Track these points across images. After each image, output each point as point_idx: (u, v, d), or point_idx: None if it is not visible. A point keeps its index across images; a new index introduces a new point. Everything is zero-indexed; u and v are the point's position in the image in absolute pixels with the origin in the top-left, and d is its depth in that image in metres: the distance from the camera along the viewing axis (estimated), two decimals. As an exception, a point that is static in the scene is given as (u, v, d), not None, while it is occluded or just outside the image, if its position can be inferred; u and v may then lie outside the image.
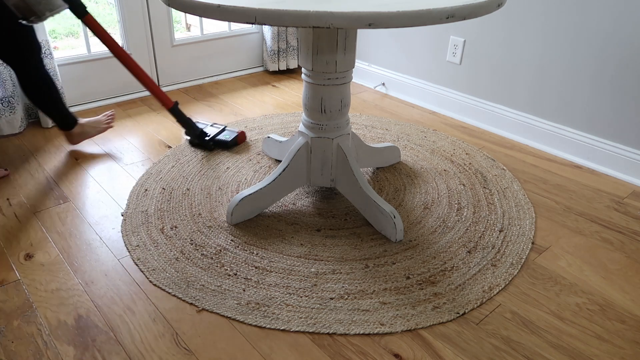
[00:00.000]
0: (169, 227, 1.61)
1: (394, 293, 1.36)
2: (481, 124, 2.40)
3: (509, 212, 1.72)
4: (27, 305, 1.31)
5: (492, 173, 1.97)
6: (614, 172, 1.99)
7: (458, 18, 1.15)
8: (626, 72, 1.87)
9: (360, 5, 1.12)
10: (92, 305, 1.31)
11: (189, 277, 1.41)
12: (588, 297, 1.37)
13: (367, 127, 2.35)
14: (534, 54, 2.13)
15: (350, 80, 1.58)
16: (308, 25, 1.08)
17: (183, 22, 4.15)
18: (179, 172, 1.93)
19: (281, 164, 1.64)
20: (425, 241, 1.57)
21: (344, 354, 1.19)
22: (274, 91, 2.80)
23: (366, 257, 1.49)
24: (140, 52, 2.61)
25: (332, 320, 1.28)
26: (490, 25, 2.25)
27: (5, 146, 2.11)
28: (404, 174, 1.95)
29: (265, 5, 1.10)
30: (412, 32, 2.60)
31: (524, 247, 1.55)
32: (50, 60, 2.19)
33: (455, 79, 2.47)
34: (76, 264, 1.46)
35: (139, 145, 2.15)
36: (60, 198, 1.77)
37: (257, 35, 3.05)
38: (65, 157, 2.04)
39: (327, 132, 1.61)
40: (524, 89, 2.21)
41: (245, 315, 1.28)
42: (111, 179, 1.89)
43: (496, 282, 1.41)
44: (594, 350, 1.21)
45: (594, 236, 1.63)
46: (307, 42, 1.50)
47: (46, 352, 1.18)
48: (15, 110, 2.16)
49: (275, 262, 1.47)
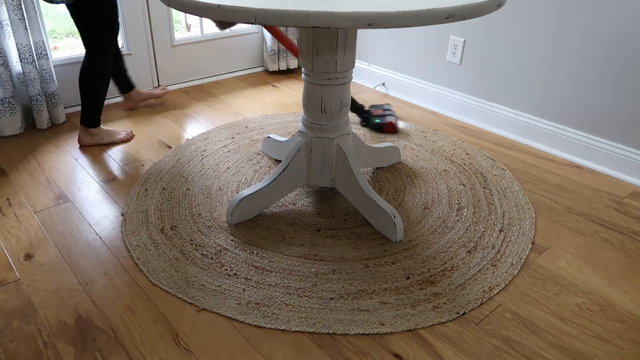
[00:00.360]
0: (169, 227, 1.61)
1: (394, 293, 1.36)
2: (481, 124, 2.40)
3: (509, 212, 1.72)
4: (27, 305, 1.31)
5: (492, 173, 1.97)
6: (614, 172, 1.99)
7: (458, 18, 1.15)
8: (626, 71, 1.87)
9: (360, 5, 1.12)
10: (92, 305, 1.31)
11: (189, 277, 1.41)
12: (588, 297, 1.37)
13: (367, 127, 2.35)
14: (534, 54, 2.13)
15: (350, 80, 1.58)
16: (308, 25, 1.08)
17: (183, 22, 4.15)
18: (179, 172, 1.93)
19: (281, 164, 1.64)
20: (425, 241, 1.57)
21: (344, 354, 1.19)
22: (274, 91, 2.80)
23: (366, 257, 1.49)
24: (140, 52, 2.61)
25: (332, 320, 1.28)
26: (490, 25, 2.25)
27: (5, 146, 2.11)
28: (404, 174, 1.95)
29: (265, 5, 1.10)
30: (412, 32, 2.60)
31: (524, 247, 1.55)
32: (47, 62, 2.18)
33: (455, 79, 2.47)
34: (76, 264, 1.46)
35: (139, 145, 2.15)
36: (60, 198, 1.77)
37: (257, 35, 3.05)
38: (65, 157, 2.04)
39: (327, 132, 1.61)
40: (524, 89, 2.21)
41: (245, 315, 1.28)
42: (111, 179, 1.89)
43: (496, 282, 1.41)
44: (594, 350, 1.21)
45: (594, 236, 1.63)
46: (307, 42, 1.50)
47: (46, 352, 1.18)
48: (16, 111, 2.16)
49: (275, 262, 1.47)
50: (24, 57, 2.11)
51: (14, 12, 2.04)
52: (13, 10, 2.03)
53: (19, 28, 2.07)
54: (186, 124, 2.36)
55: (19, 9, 2.04)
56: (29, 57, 2.12)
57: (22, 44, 2.09)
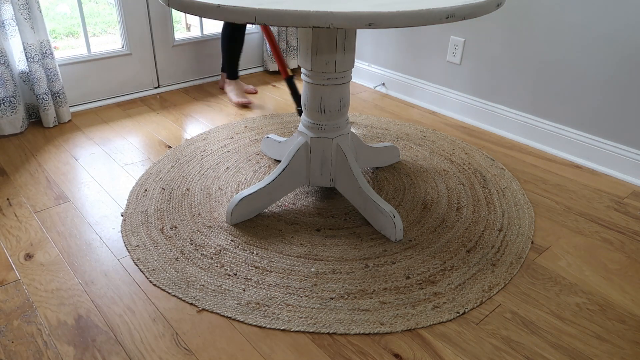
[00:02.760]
0: (169, 227, 1.61)
1: (394, 293, 1.36)
2: (481, 124, 2.40)
3: (509, 212, 1.72)
4: (27, 305, 1.31)
5: (491, 173, 1.97)
6: (614, 172, 1.99)
7: (458, 18, 1.15)
8: (626, 71, 1.87)
9: (360, 5, 1.12)
10: (92, 305, 1.31)
11: (189, 277, 1.41)
12: (588, 297, 1.37)
13: (366, 127, 2.35)
14: (534, 53, 2.13)
15: (349, 80, 1.58)
16: (308, 25, 1.08)
17: (183, 22, 4.15)
18: (178, 172, 1.93)
19: (281, 164, 1.64)
20: (425, 241, 1.57)
21: (344, 354, 1.19)
22: (274, 91, 2.80)
23: (366, 257, 1.50)
24: (140, 52, 2.61)
25: (332, 320, 1.28)
26: (490, 25, 2.25)
27: (5, 146, 2.11)
28: (403, 173, 1.95)
29: (265, 5, 1.10)
30: (412, 32, 2.60)
31: (524, 247, 1.55)
32: (52, 61, 2.20)
33: (455, 79, 2.47)
34: (76, 264, 1.46)
35: (138, 145, 2.15)
36: (60, 198, 1.77)
37: (257, 35, 3.05)
38: (65, 157, 2.04)
39: (327, 132, 1.61)
40: (523, 88, 2.21)
41: (246, 315, 1.29)
42: (111, 179, 1.89)
43: (496, 282, 1.41)
44: (594, 350, 1.21)
45: (594, 236, 1.63)
46: (307, 42, 1.50)
47: (46, 352, 1.18)
48: (17, 110, 2.16)
49: (275, 262, 1.47)
50: (30, 56, 2.12)
51: (19, 11, 2.05)
52: (19, 9, 2.05)
53: (25, 27, 2.08)
54: (186, 124, 2.36)
55: (24, 8, 2.05)
56: (34, 56, 2.13)
57: (28, 43, 2.10)
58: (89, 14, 4.11)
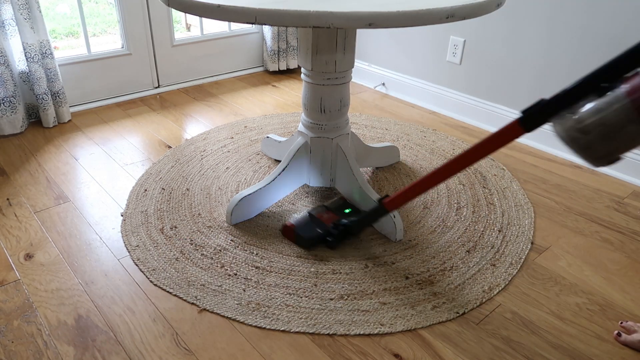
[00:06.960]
0: (169, 227, 1.61)
1: (394, 293, 1.36)
2: (481, 124, 2.40)
3: (509, 212, 1.72)
4: (27, 305, 1.31)
5: (491, 173, 1.97)
6: (614, 172, 1.99)
7: (458, 18, 1.15)
8: (626, 72, 1.87)
9: (360, 5, 1.12)
10: (92, 305, 1.31)
11: (189, 277, 1.41)
12: (588, 297, 1.37)
13: (366, 127, 2.35)
14: (534, 53, 2.13)
15: (349, 80, 1.58)
16: (308, 25, 1.08)
17: (183, 22, 4.15)
18: (178, 172, 1.93)
19: (280, 163, 1.64)
20: (425, 241, 1.57)
21: (344, 354, 1.19)
22: (274, 91, 2.80)
23: (366, 257, 1.49)
24: (140, 52, 2.61)
25: (332, 320, 1.28)
26: (490, 25, 2.25)
27: (5, 146, 2.11)
28: (403, 173, 1.95)
29: (265, 5, 1.10)
30: (412, 32, 2.60)
31: (524, 247, 1.55)
32: (52, 61, 2.19)
33: (455, 79, 2.47)
34: (76, 264, 1.46)
35: (138, 145, 2.15)
36: (60, 198, 1.77)
37: (257, 35, 3.05)
38: (65, 157, 2.04)
39: (327, 132, 1.61)
40: (524, 88, 2.21)
41: (246, 316, 1.29)
42: (111, 179, 1.89)
43: (496, 282, 1.41)
44: (594, 350, 1.21)
45: (594, 236, 1.63)
46: (307, 42, 1.50)
47: (46, 352, 1.18)
48: (17, 110, 2.16)
49: (275, 262, 1.47)
50: (30, 56, 2.12)
51: (19, 11, 2.05)
52: (19, 9, 2.05)
53: (25, 27, 2.08)
54: (186, 124, 2.36)
55: (24, 8, 2.05)
56: (34, 56, 2.13)
57: (27, 43, 2.10)
58: (88, 14, 4.11)
